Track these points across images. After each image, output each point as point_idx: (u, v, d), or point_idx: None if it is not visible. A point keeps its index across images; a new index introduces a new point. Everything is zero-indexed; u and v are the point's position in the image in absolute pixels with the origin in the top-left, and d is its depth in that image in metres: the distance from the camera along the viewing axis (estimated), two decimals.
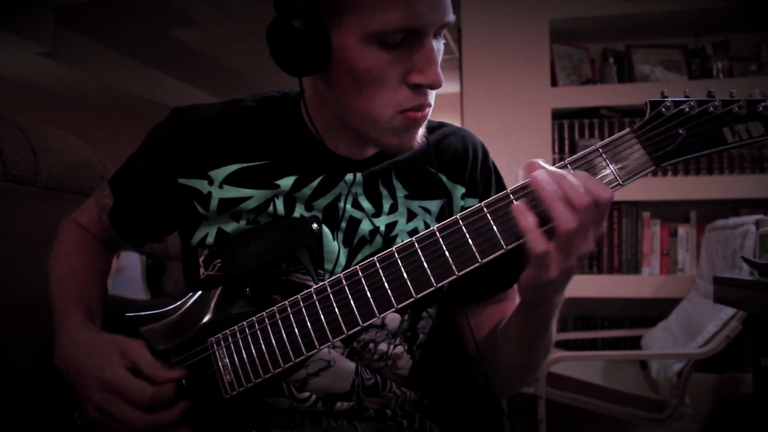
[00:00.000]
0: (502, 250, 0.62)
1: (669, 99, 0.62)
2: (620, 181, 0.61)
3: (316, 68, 0.71)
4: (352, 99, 0.72)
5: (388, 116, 0.71)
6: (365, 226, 0.82)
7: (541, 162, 0.61)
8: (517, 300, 0.74)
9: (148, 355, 0.73)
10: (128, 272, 2.65)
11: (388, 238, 0.82)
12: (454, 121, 0.98)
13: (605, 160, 0.61)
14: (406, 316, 0.85)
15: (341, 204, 0.81)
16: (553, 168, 0.60)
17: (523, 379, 0.87)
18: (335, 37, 0.68)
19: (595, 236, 0.61)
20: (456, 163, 0.88)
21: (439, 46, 0.72)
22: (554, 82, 2.72)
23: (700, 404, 2.23)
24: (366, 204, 0.82)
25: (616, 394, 1.98)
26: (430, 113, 0.75)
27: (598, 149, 0.62)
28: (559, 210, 0.57)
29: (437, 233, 0.63)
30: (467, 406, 0.98)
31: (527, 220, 0.59)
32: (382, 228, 0.82)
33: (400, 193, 0.84)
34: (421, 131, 0.75)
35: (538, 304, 0.69)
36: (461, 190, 0.87)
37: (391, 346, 0.85)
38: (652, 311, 2.61)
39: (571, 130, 2.70)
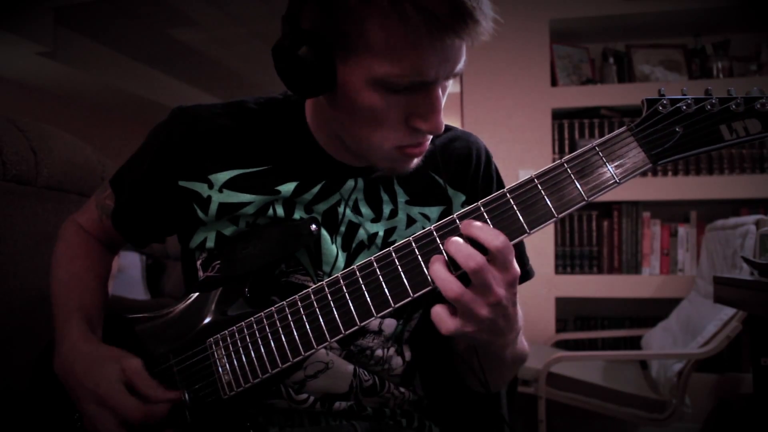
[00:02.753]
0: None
1: (666, 97, 0.62)
2: (617, 179, 0.61)
3: (318, 92, 0.70)
4: (351, 126, 0.71)
5: (385, 149, 0.71)
6: (364, 231, 0.82)
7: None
8: None
9: (145, 375, 0.73)
10: (128, 272, 2.65)
11: (387, 244, 0.82)
12: (454, 121, 0.98)
13: (602, 159, 0.61)
14: (401, 321, 0.85)
15: (341, 209, 0.81)
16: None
17: (495, 387, 0.88)
18: (341, 69, 0.66)
19: (505, 281, 0.61)
20: (459, 170, 0.87)
21: (447, 84, 0.70)
22: (554, 82, 2.73)
23: (700, 404, 2.23)
24: (365, 209, 0.82)
25: (616, 394, 1.98)
26: (428, 146, 0.74)
27: (594, 148, 0.62)
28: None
29: (434, 233, 0.63)
30: (466, 405, 0.97)
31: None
32: (381, 233, 0.82)
33: (401, 198, 0.84)
34: (417, 160, 0.75)
35: (479, 347, 0.70)
36: (461, 197, 0.87)
37: (386, 351, 0.85)
38: (652, 311, 2.62)
39: (571, 130, 2.70)
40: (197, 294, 0.79)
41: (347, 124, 0.72)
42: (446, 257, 0.61)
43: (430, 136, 0.73)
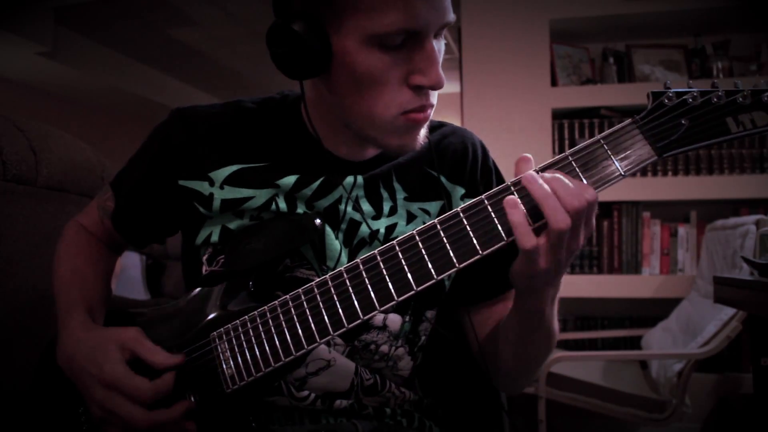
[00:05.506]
0: (503, 242, 0.62)
1: (672, 90, 0.62)
2: (622, 172, 0.61)
3: (316, 71, 0.71)
4: (353, 101, 0.72)
5: (390, 117, 0.71)
6: (365, 228, 0.82)
7: (531, 159, 0.63)
8: None
9: (146, 342, 0.73)
10: (128, 272, 2.65)
11: (388, 241, 0.82)
12: (454, 121, 0.98)
13: (606, 152, 0.61)
14: (408, 318, 0.85)
15: (342, 206, 0.81)
16: (545, 170, 0.61)
17: (525, 374, 0.87)
18: (335, 40, 0.68)
19: (586, 234, 0.62)
20: (456, 164, 0.87)
21: (440, 46, 0.71)
22: (554, 82, 2.72)
23: (700, 404, 2.23)
24: (366, 206, 0.82)
25: (616, 394, 1.98)
26: (432, 113, 0.74)
27: (599, 140, 0.62)
28: (552, 209, 0.58)
29: (438, 226, 0.63)
30: (467, 406, 0.98)
31: (516, 215, 0.60)
32: (382, 230, 0.83)
33: (400, 195, 0.84)
34: (424, 132, 0.75)
35: (529, 295, 0.69)
36: (461, 191, 0.87)
37: (393, 348, 0.85)
38: (652, 311, 2.61)
39: (571, 130, 2.70)
40: (201, 289, 0.79)
41: (349, 101, 0.72)
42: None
43: (433, 102, 0.73)
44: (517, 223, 0.59)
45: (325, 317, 0.67)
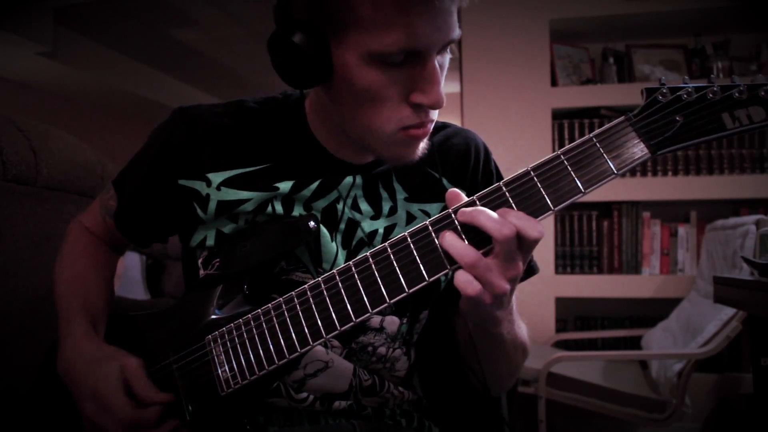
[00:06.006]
0: (491, 245, 0.61)
1: (666, 86, 0.60)
2: (615, 170, 0.59)
3: (316, 82, 0.70)
4: (352, 113, 0.71)
5: (388, 132, 0.70)
6: (364, 228, 0.82)
7: (460, 194, 0.63)
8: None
9: (141, 375, 0.74)
10: (128, 272, 2.65)
11: (387, 241, 0.82)
12: (454, 121, 0.98)
13: (599, 150, 0.60)
14: (405, 320, 0.85)
15: (340, 206, 0.81)
16: (469, 209, 0.61)
17: (501, 383, 0.87)
18: (336, 53, 0.67)
19: (524, 263, 0.61)
20: (458, 166, 0.87)
21: (444, 60, 0.70)
22: (554, 82, 2.72)
23: (700, 404, 2.23)
24: (365, 206, 0.82)
25: (616, 394, 1.98)
26: (432, 128, 0.74)
27: (591, 139, 0.61)
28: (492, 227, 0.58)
29: (429, 227, 0.63)
30: (466, 405, 0.97)
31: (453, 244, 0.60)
32: (381, 230, 0.82)
33: (400, 195, 0.84)
34: (423, 145, 0.74)
35: (485, 323, 0.70)
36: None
37: (390, 350, 0.85)
38: (652, 311, 2.61)
39: (571, 130, 2.70)
40: (197, 292, 0.79)
41: (348, 112, 0.71)
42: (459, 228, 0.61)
43: (434, 117, 0.72)
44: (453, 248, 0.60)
45: (318, 320, 0.67)
